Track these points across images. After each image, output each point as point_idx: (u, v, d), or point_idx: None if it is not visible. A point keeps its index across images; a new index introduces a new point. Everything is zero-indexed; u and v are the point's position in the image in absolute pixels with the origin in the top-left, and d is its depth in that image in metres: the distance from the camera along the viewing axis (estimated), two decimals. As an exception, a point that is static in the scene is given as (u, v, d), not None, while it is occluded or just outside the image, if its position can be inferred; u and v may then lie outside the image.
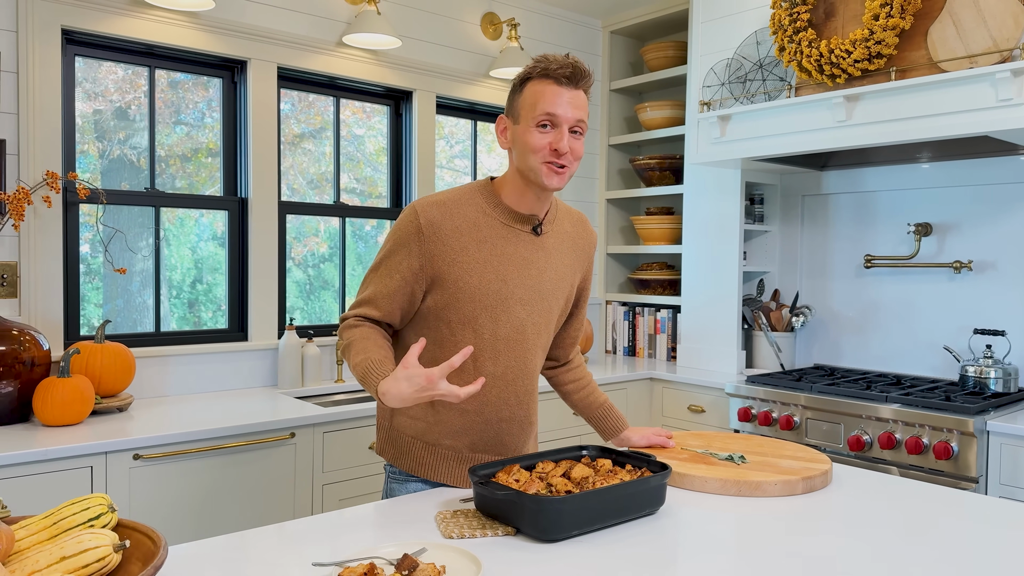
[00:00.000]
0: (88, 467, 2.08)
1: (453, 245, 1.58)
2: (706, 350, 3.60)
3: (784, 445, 1.90)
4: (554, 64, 1.54)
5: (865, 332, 3.39)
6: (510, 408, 1.68)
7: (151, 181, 2.85)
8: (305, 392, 2.97)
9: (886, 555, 1.29)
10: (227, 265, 3.01)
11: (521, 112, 1.57)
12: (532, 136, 1.54)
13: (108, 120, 2.73)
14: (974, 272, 3.06)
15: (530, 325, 1.65)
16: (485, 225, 1.60)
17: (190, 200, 2.91)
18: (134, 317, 2.79)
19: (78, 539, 1.00)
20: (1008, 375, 2.80)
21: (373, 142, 3.42)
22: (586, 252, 1.79)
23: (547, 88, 1.53)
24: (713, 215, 3.58)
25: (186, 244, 2.91)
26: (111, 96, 2.73)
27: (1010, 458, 2.44)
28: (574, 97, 1.54)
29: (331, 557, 1.25)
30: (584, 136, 1.59)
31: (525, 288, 1.63)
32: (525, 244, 1.64)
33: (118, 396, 2.50)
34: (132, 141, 2.79)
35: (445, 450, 1.68)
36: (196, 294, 2.94)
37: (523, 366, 1.67)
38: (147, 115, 2.83)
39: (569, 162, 1.56)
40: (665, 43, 3.96)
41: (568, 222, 1.75)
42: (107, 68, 2.71)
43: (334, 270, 3.33)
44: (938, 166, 3.16)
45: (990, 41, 2.37)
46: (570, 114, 1.54)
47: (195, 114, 2.92)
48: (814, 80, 2.79)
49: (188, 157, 2.91)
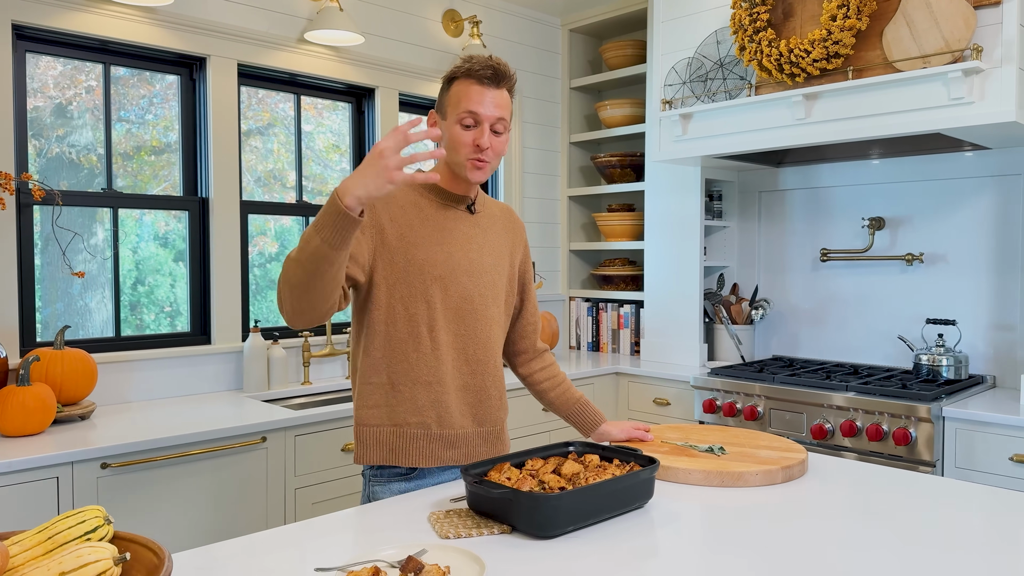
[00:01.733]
0: (54, 478, 2.02)
1: (400, 221, 1.67)
2: (669, 344, 3.66)
3: (759, 436, 1.95)
4: (477, 65, 1.65)
5: (822, 323, 3.49)
6: (467, 376, 1.74)
7: (108, 181, 2.76)
8: (272, 395, 2.92)
9: (867, 540, 1.34)
10: (188, 266, 2.93)
11: (447, 109, 1.69)
12: (456, 133, 1.66)
13: (45, 117, 2.62)
14: (925, 264, 3.18)
15: (477, 296, 1.74)
16: (426, 205, 1.72)
17: (149, 201, 2.83)
18: (76, 321, 2.69)
19: (77, 553, 0.97)
20: (959, 362, 2.92)
21: (323, 139, 3.36)
22: (519, 235, 1.90)
23: (471, 88, 1.65)
24: (674, 211, 3.64)
25: (128, 245, 2.81)
26: (49, 92, 2.62)
27: (964, 442, 2.55)
28: (496, 96, 1.66)
29: (326, 562, 1.24)
30: (506, 134, 1.70)
31: (468, 260, 1.73)
32: (463, 221, 1.75)
33: (80, 404, 2.43)
34: (71, 139, 2.68)
35: (414, 429, 1.69)
36: (138, 296, 2.84)
37: (475, 335, 1.74)
38: (88, 111, 2.74)
39: (490, 158, 1.67)
40: (624, 42, 4.01)
41: (496, 208, 1.87)
42: (45, 63, 2.60)
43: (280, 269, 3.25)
44: (889, 162, 3.27)
45: (942, 42, 2.47)
46: (491, 113, 1.65)
47: (137, 111, 2.82)
48: (774, 79, 2.86)
49: (130, 155, 2.81)
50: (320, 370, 3.22)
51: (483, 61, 1.65)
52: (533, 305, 1.93)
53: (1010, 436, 2.45)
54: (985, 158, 3.02)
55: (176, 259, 2.93)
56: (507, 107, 1.68)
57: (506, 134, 1.70)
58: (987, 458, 2.50)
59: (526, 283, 1.91)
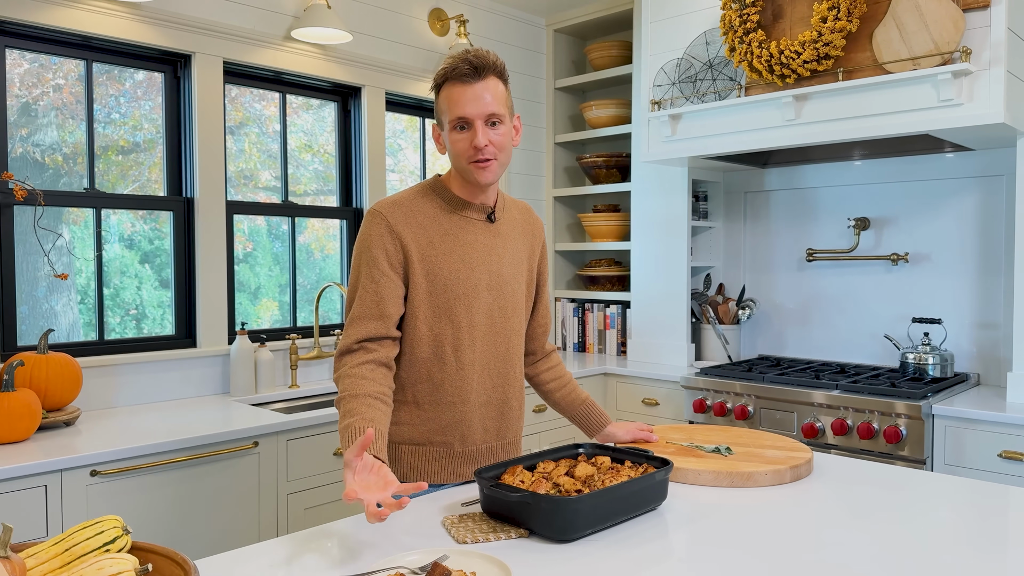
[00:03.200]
0: (42, 486, 1.95)
1: (421, 240, 1.63)
2: (656, 344, 3.67)
3: (762, 435, 1.95)
4: (453, 65, 1.59)
5: (808, 323, 3.52)
6: (491, 393, 1.71)
7: (91, 180, 2.69)
8: (260, 399, 2.87)
9: (884, 536, 1.34)
10: (172, 268, 2.87)
11: (442, 119, 1.64)
12: (453, 140, 1.61)
13: (11, 116, 2.52)
14: (910, 264, 3.22)
15: (497, 310, 1.70)
16: (444, 218, 1.66)
17: (133, 201, 2.76)
18: (41, 324, 2.59)
19: (97, 566, 0.93)
20: (945, 361, 2.96)
21: (295, 139, 3.30)
22: (537, 237, 1.85)
23: (453, 90, 1.59)
24: (661, 212, 3.65)
25: (90, 246, 2.72)
26: (15, 91, 2.53)
27: (954, 439, 2.58)
28: (482, 90, 1.58)
29: (341, 569, 1.21)
30: (506, 125, 1.62)
31: (489, 274, 1.69)
32: (483, 232, 1.70)
33: (65, 409, 2.36)
34: (35, 138, 2.59)
35: (436, 448, 1.67)
36: (103, 298, 2.74)
37: (497, 349, 1.71)
38: (64, 110, 2.66)
39: (493, 154, 1.61)
40: (609, 42, 4.01)
41: (516, 210, 1.82)
42: (12, 61, 2.51)
43: (249, 271, 3.16)
44: (874, 163, 3.31)
45: (931, 44, 2.50)
46: (479, 110, 1.58)
47: (103, 111, 2.73)
48: (764, 80, 2.88)
49: (97, 155, 2.73)
50: (308, 373, 3.17)
51: (459, 58, 1.59)
52: (545, 307, 1.91)
53: (998, 433, 2.49)
54: (967, 159, 3.07)
55: (142, 261, 2.84)
56: (498, 96, 1.60)
57: (505, 125, 1.62)
58: (976, 454, 2.54)
59: (541, 284, 1.88)
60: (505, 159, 1.65)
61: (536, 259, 1.84)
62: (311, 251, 3.39)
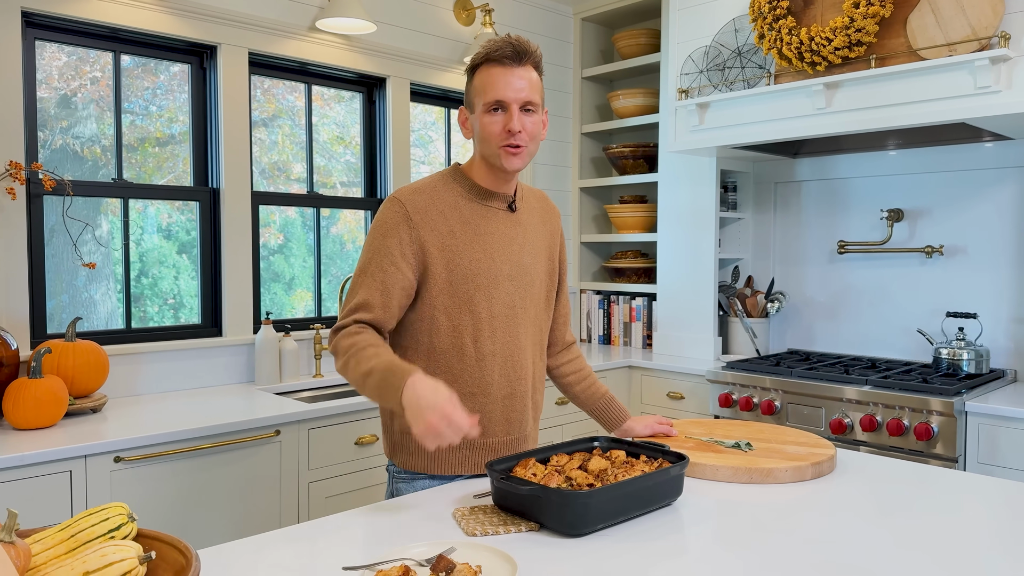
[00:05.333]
0: (67, 471, 1.99)
1: (441, 229, 1.61)
2: (682, 337, 3.62)
3: (785, 431, 1.91)
4: (495, 47, 1.57)
5: (838, 317, 3.45)
6: (511, 384, 1.68)
7: (118, 171, 2.72)
8: (284, 388, 2.89)
9: (907, 537, 1.30)
10: (199, 258, 2.90)
11: (474, 100, 1.62)
12: (486, 123, 1.59)
13: (50, 108, 2.57)
14: (945, 256, 3.13)
15: (518, 300, 1.68)
16: (465, 207, 1.65)
17: (159, 191, 2.80)
18: (81, 313, 2.64)
19: (101, 552, 0.94)
20: (980, 356, 2.88)
21: (327, 130, 3.31)
22: (555, 225, 1.83)
23: (492, 72, 1.57)
24: (688, 203, 3.60)
25: (132, 236, 2.77)
26: (54, 83, 2.57)
27: (988, 437, 2.51)
28: (520, 75, 1.57)
29: (352, 560, 1.21)
30: (539, 114, 1.62)
31: (511, 264, 1.67)
32: (503, 221, 1.68)
33: (91, 396, 2.40)
34: (75, 130, 2.64)
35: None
36: (141, 288, 2.80)
37: (518, 341, 1.68)
38: (101, 103, 2.70)
39: (525, 141, 1.59)
40: (637, 30, 3.96)
41: (533, 198, 1.80)
42: (50, 54, 2.55)
43: (284, 262, 3.20)
44: (908, 153, 3.22)
45: (968, 29, 2.42)
46: (518, 95, 1.57)
47: (140, 103, 2.77)
48: (794, 68, 2.81)
49: (135, 147, 2.77)
50: (331, 362, 3.18)
51: (501, 41, 1.58)
52: (564, 296, 1.88)
53: (1035, 431, 2.42)
54: (1006, 148, 2.96)
55: (180, 251, 2.89)
56: (535, 85, 1.60)
57: (539, 114, 1.61)
58: (1012, 454, 2.46)
59: (561, 274, 1.85)
60: (534, 149, 1.63)
61: (556, 247, 1.82)
62: (344, 242, 3.40)
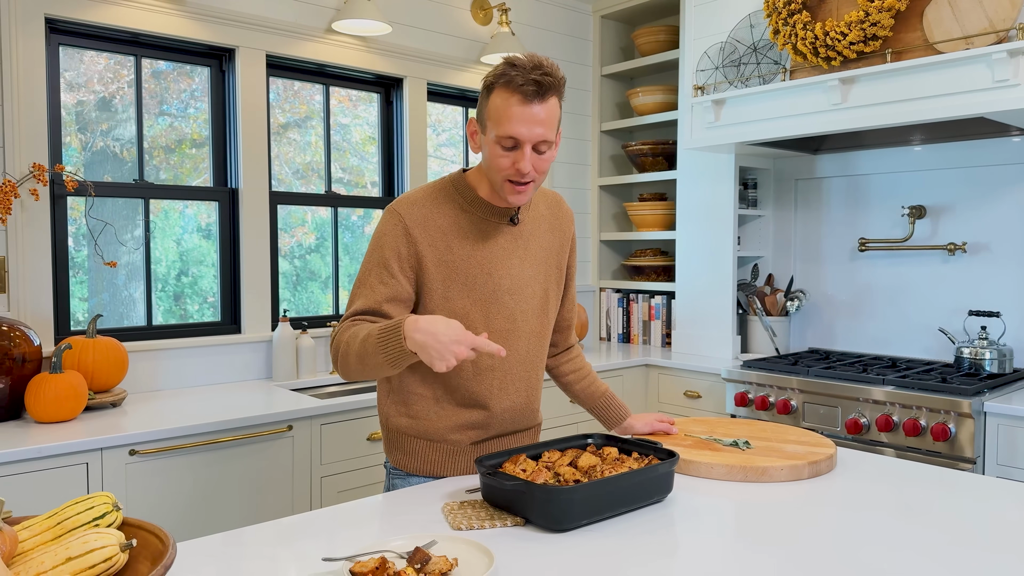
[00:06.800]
0: (84, 464, 2.05)
1: (439, 244, 1.58)
2: (701, 336, 3.60)
3: (787, 430, 1.90)
4: (519, 77, 1.46)
5: (859, 315, 3.40)
6: (510, 398, 1.67)
7: (139, 172, 2.80)
8: (300, 384, 2.94)
9: (897, 538, 1.29)
10: (218, 257, 2.97)
11: (487, 123, 1.53)
12: (496, 154, 1.52)
13: (90, 112, 2.67)
14: (968, 254, 3.06)
15: (519, 314, 1.65)
16: (464, 220, 1.61)
17: (180, 191, 2.87)
18: (120, 311, 2.74)
19: (84, 539, 0.98)
20: (1003, 356, 2.81)
21: (359, 131, 3.37)
22: (565, 231, 1.77)
23: (511, 104, 1.47)
24: (707, 200, 3.57)
25: (171, 236, 2.86)
26: (94, 87, 2.67)
27: (1007, 439, 2.45)
28: (540, 112, 1.47)
29: (338, 552, 1.23)
30: (552, 150, 1.54)
31: (510, 278, 1.63)
32: (504, 235, 1.64)
33: (111, 391, 2.47)
34: (115, 133, 2.73)
35: (450, 446, 1.66)
36: (182, 287, 2.89)
37: (518, 355, 1.66)
38: (132, 105, 2.78)
39: (533, 178, 1.53)
40: (656, 27, 3.94)
41: (543, 204, 1.74)
42: (89, 58, 2.65)
43: (320, 261, 3.28)
44: (931, 148, 3.16)
45: (986, 22, 2.36)
46: (532, 134, 1.48)
47: (178, 105, 2.86)
48: (809, 63, 2.78)
49: (172, 148, 2.86)
50: (349, 360, 3.23)
51: (527, 69, 1.45)
52: (571, 301, 1.86)
53: (1056, 433, 2.36)
54: (1033, 143, 2.89)
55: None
56: (552, 118, 1.50)
57: (552, 150, 1.53)
58: (1031, 455, 2.40)
59: (569, 278, 1.83)
60: (541, 180, 1.57)
61: (566, 253, 1.78)
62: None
